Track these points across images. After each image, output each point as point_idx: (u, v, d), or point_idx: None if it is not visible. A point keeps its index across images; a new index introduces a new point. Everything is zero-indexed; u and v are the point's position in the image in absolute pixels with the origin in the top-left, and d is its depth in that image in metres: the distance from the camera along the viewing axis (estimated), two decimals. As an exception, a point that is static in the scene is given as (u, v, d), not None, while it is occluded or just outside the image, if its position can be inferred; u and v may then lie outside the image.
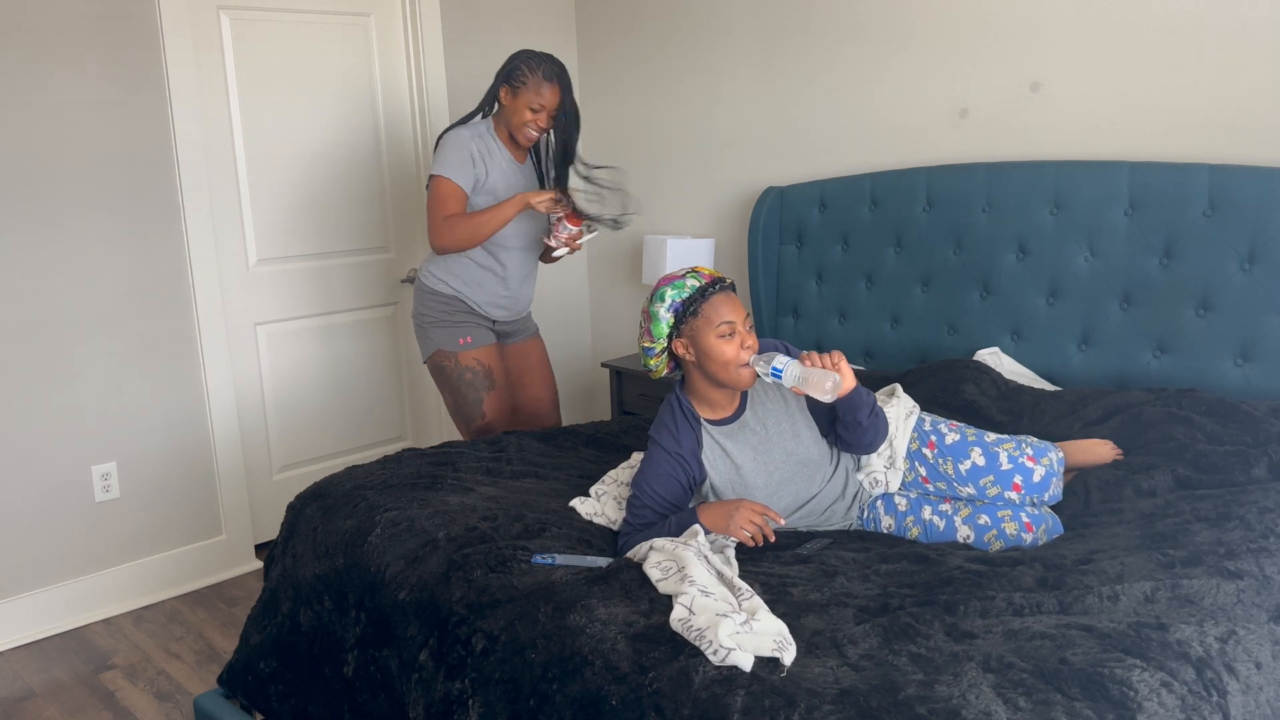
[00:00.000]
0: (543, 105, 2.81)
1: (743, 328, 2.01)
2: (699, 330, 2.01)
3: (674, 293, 2.02)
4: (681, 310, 2.00)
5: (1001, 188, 2.96)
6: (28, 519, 3.10)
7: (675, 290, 2.02)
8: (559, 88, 2.82)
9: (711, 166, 3.89)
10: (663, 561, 1.84)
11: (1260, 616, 1.63)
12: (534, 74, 2.80)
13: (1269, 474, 2.16)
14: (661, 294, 2.03)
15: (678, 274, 2.06)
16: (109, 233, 3.15)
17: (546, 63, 2.82)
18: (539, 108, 2.82)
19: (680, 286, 2.02)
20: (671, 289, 2.02)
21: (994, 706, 1.37)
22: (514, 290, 3.02)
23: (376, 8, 3.73)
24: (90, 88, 3.07)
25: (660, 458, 2.10)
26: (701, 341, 2.02)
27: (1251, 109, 2.61)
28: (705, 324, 2.00)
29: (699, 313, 2.01)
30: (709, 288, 2.02)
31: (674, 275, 2.06)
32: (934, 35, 3.16)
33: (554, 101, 2.82)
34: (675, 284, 2.03)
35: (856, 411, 2.05)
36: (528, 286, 3.07)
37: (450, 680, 1.80)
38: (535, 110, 2.82)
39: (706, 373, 2.05)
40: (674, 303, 2.01)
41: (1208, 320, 2.65)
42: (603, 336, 4.51)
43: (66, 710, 2.71)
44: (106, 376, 3.20)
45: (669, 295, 2.02)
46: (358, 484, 2.34)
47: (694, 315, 2.01)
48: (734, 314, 2.01)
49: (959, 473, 2.16)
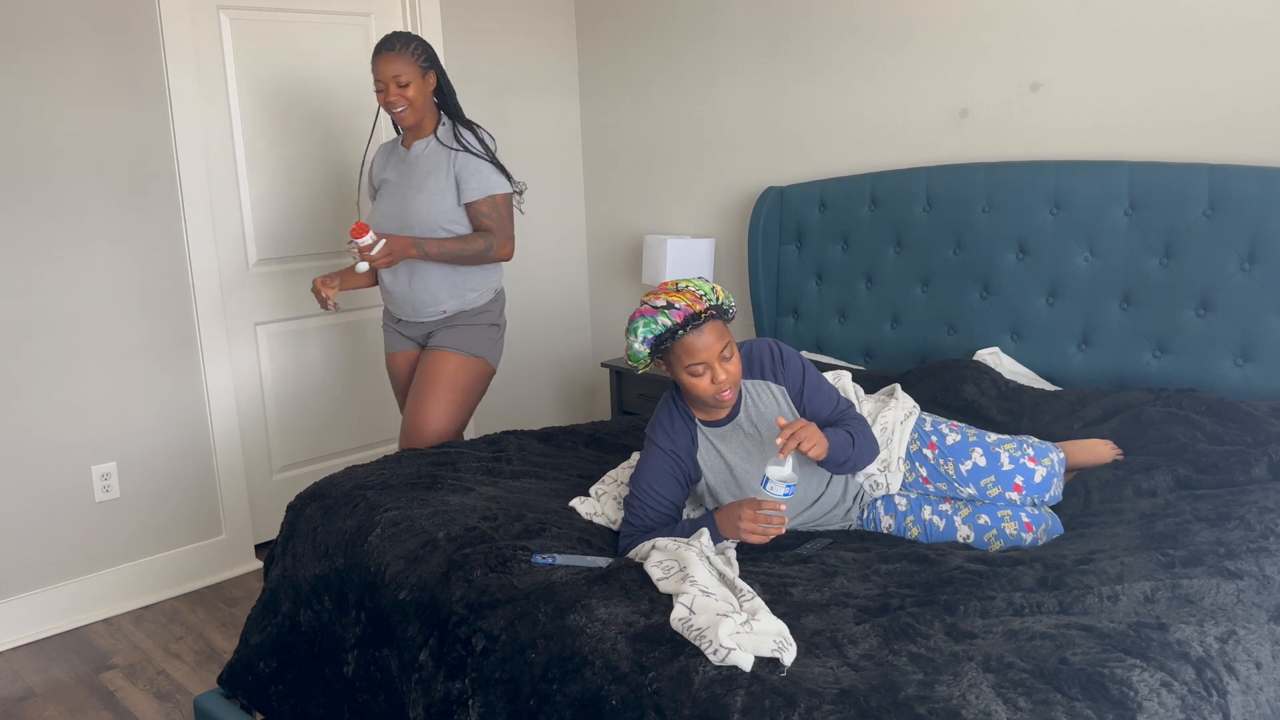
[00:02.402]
0: (379, 78, 2.71)
1: (716, 362, 1.96)
2: (673, 363, 2.00)
3: (645, 329, 1.96)
4: (654, 345, 1.97)
5: (1001, 188, 2.96)
6: (28, 519, 3.09)
7: (647, 327, 1.96)
8: (387, 56, 2.69)
9: (711, 166, 3.89)
10: (664, 561, 1.84)
11: (1260, 616, 1.63)
12: (373, 56, 2.73)
13: (1269, 474, 2.16)
14: (634, 328, 1.98)
15: (655, 304, 1.97)
16: (109, 233, 3.15)
17: (383, 38, 2.74)
18: (379, 83, 2.72)
19: (652, 323, 1.95)
20: (644, 325, 1.96)
21: (994, 706, 1.37)
22: (392, 286, 2.88)
23: (376, 8, 3.73)
24: (90, 88, 3.07)
25: (657, 456, 2.10)
26: (675, 372, 2.01)
27: (1251, 109, 2.61)
28: (677, 361, 1.98)
29: (670, 350, 1.98)
30: (680, 328, 1.94)
31: (649, 308, 1.97)
32: (934, 35, 3.16)
33: (386, 72, 2.69)
34: (648, 320, 1.96)
35: (837, 468, 2.06)
36: (417, 287, 2.83)
37: (450, 680, 1.80)
38: (379, 89, 2.73)
39: (689, 394, 2.04)
40: (646, 338, 1.97)
41: (1208, 320, 2.65)
42: (603, 336, 4.51)
43: (66, 710, 2.71)
44: (106, 376, 3.20)
45: (640, 331, 1.97)
46: (358, 484, 2.34)
47: (666, 351, 1.98)
48: (706, 352, 1.95)
49: (960, 473, 2.16)
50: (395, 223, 2.83)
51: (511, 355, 4.30)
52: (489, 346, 2.92)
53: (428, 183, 2.79)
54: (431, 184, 2.78)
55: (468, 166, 2.76)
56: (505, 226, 2.82)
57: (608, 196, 4.34)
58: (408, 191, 2.81)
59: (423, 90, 2.75)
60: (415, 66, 2.72)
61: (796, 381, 2.12)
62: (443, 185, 2.78)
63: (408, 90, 2.72)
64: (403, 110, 2.74)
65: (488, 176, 2.78)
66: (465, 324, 2.87)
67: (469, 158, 2.77)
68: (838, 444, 2.01)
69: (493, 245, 2.80)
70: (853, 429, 2.07)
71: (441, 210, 2.79)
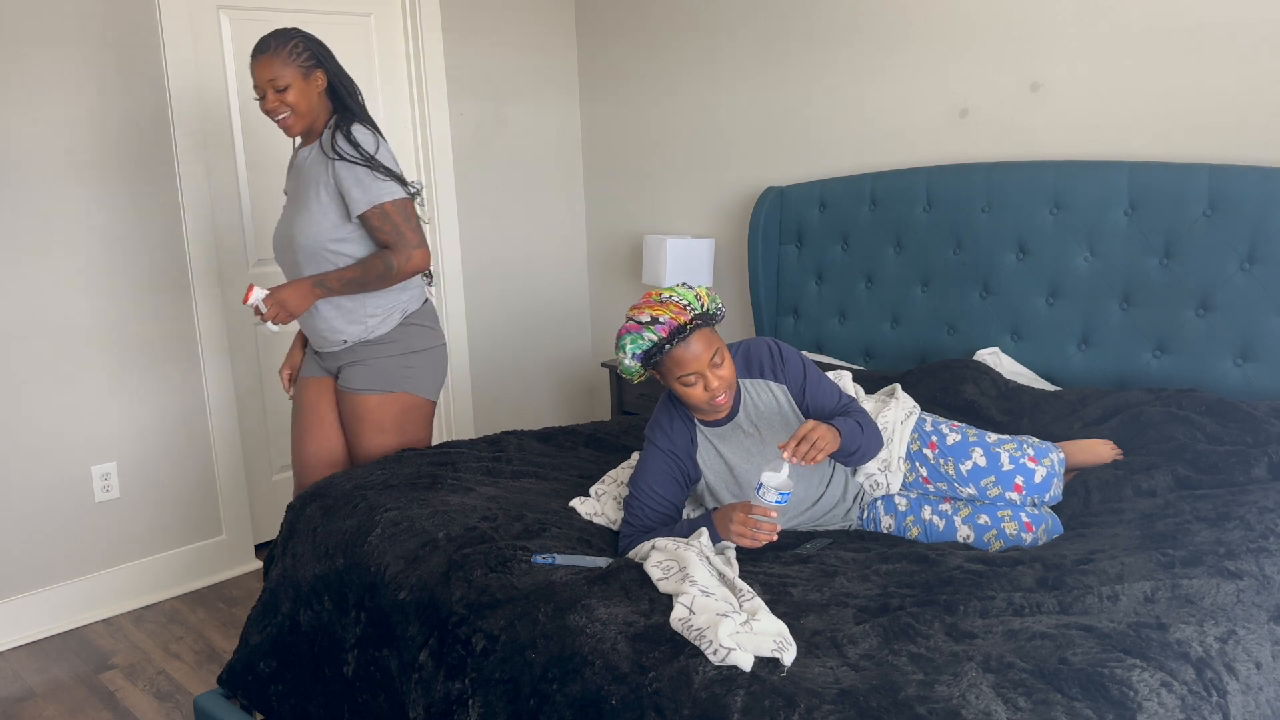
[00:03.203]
0: (255, 84, 2.45)
1: (708, 370, 1.96)
2: (665, 375, 2.01)
3: (633, 346, 1.96)
4: (644, 360, 1.97)
5: (1001, 188, 2.96)
6: (28, 519, 3.09)
7: (634, 344, 1.96)
8: (261, 59, 2.42)
9: (711, 166, 3.89)
10: (664, 561, 1.84)
11: (1260, 616, 1.63)
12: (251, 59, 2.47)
13: (1269, 474, 2.16)
14: (622, 344, 1.97)
15: (639, 319, 1.96)
16: (109, 233, 3.15)
17: (260, 39, 2.47)
18: (256, 89, 2.46)
19: (638, 339, 1.95)
20: (631, 341, 1.95)
21: (994, 706, 1.37)
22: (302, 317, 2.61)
23: (376, 8, 3.73)
24: (90, 87, 3.07)
25: (656, 456, 2.10)
26: (668, 383, 2.02)
27: (1251, 109, 2.61)
28: (668, 373, 1.99)
29: (661, 363, 1.98)
30: (666, 343, 1.94)
31: (634, 324, 1.96)
32: (934, 35, 3.16)
33: (261, 77, 2.41)
34: (634, 336, 1.95)
35: (848, 457, 2.07)
36: (314, 317, 2.55)
37: (450, 680, 1.80)
38: (257, 95, 2.46)
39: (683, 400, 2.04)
40: (635, 354, 1.97)
41: (1208, 320, 2.65)
42: (603, 336, 4.51)
43: (66, 710, 2.71)
44: (106, 376, 3.20)
45: (629, 348, 1.96)
46: (358, 484, 2.34)
47: (657, 364, 1.99)
48: (696, 362, 1.95)
49: (960, 473, 2.16)
50: (286, 251, 2.55)
51: (512, 355, 4.30)
52: (405, 378, 2.58)
53: (307, 197, 2.48)
54: (310, 198, 2.47)
55: (346, 178, 2.42)
56: (404, 236, 2.45)
57: (608, 196, 4.34)
58: (293, 212, 2.52)
59: (306, 94, 2.44)
60: (295, 68, 2.42)
61: (798, 379, 2.12)
62: (322, 200, 2.46)
63: (287, 95, 2.42)
64: (285, 117, 2.45)
65: (369, 185, 2.42)
66: (372, 358, 2.55)
67: (345, 167, 2.42)
68: (848, 432, 2.02)
69: (393, 263, 2.44)
70: (859, 419, 2.08)
71: (322, 230, 2.46)
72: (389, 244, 2.46)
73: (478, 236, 4.08)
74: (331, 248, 2.47)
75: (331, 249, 2.47)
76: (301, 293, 2.42)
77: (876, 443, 2.10)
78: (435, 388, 2.66)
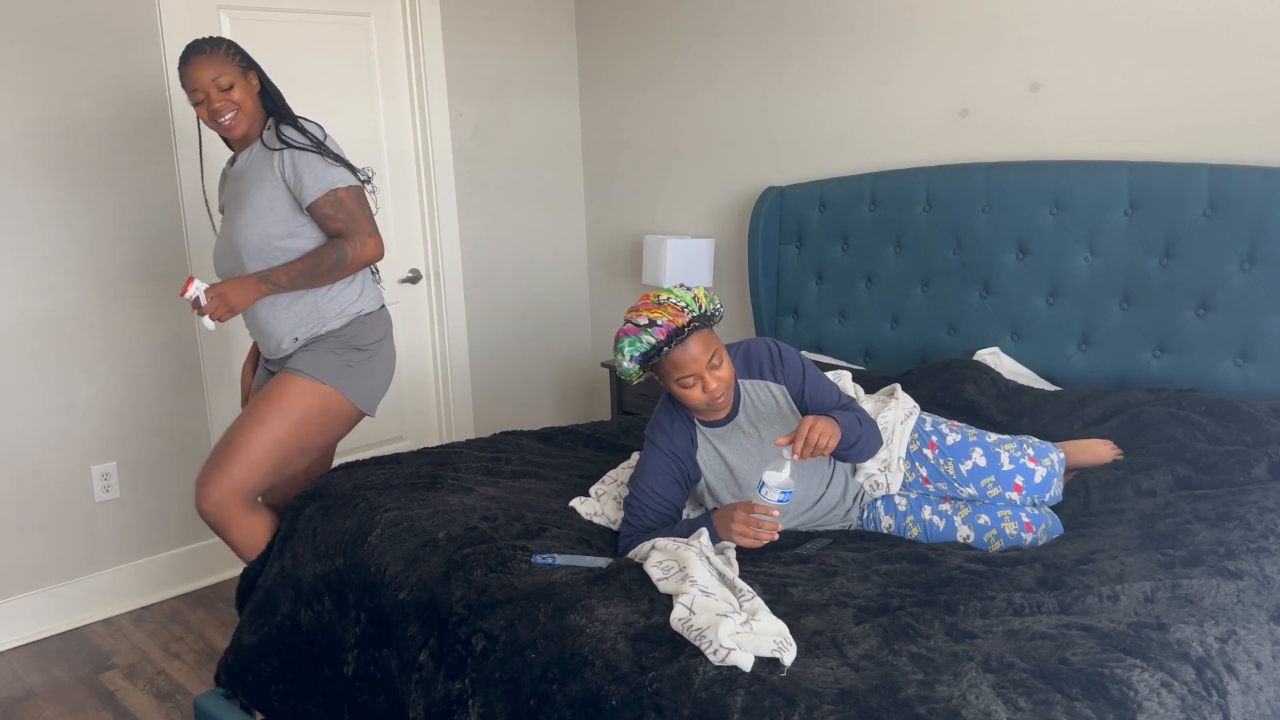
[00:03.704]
0: (195, 87, 2.36)
1: (706, 372, 1.97)
2: (663, 376, 2.01)
3: (631, 349, 1.96)
4: (642, 362, 1.97)
5: (1001, 188, 2.96)
6: (27, 519, 3.10)
7: (632, 347, 1.96)
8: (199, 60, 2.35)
9: (711, 166, 3.89)
10: (664, 561, 1.84)
11: (1260, 616, 1.63)
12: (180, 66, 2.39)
13: (1269, 474, 2.16)
14: (620, 347, 1.97)
15: (638, 322, 1.96)
16: (109, 233, 3.15)
17: (187, 46, 2.40)
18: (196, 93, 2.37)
19: (636, 342, 1.95)
20: (629, 344, 1.96)
21: (994, 706, 1.37)
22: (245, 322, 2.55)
23: (376, 8, 3.73)
24: (90, 87, 3.07)
25: (656, 456, 2.10)
26: (667, 385, 2.02)
27: (1251, 109, 2.61)
28: (667, 375, 1.99)
29: (658, 366, 1.99)
30: (665, 345, 1.93)
31: (633, 326, 1.96)
32: (934, 35, 3.16)
33: (203, 77, 2.33)
34: (632, 339, 1.95)
35: (848, 450, 2.06)
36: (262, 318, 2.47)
37: (450, 680, 1.80)
38: (198, 100, 2.38)
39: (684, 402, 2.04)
40: (633, 356, 1.97)
41: (1208, 320, 2.65)
42: (603, 336, 4.51)
43: (66, 710, 2.71)
44: (106, 376, 3.20)
45: (627, 350, 1.96)
46: (357, 484, 2.34)
47: (655, 366, 1.99)
48: (694, 364, 1.95)
49: (960, 473, 2.16)
50: (229, 256, 2.45)
51: (512, 355, 4.30)
52: (343, 374, 2.44)
53: (250, 196, 2.40)
54: (255, 195, 2.39)
55: (298, 164, 2.36)
56: (358, 223, 2.39)
57: (608, 196, 4.34)
58: (234, 215, 2.43)
59: (248, 92, 2.40)
60: (234, 66, 2.37)
61: (797, 379, 2.12)
62: (268, 195, 2.38)
63: (232, 93, 2.36)
64: (231, 116, 2.38)
65: (321, 170, 2.36)
66: (316, 346, 2.45)
67: (296, 154, 2.36)
68: (846, 424, 2.01)
69: (347, 252, 2.37)
70: (858, 415, 2.08)
71: (268, 224, 2.39)
72: (341, 231, 2.38)
73: (478, 236, 4.08)
74: (279, 244, 2.39)
75: (279, 245, 2.39)
76: (246, 288, 2.33)
77: (876, 439, 2.10)
78: (369, 398, 2.50)
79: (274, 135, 2.41)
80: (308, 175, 2.36)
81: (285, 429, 2.39)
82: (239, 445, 2.36)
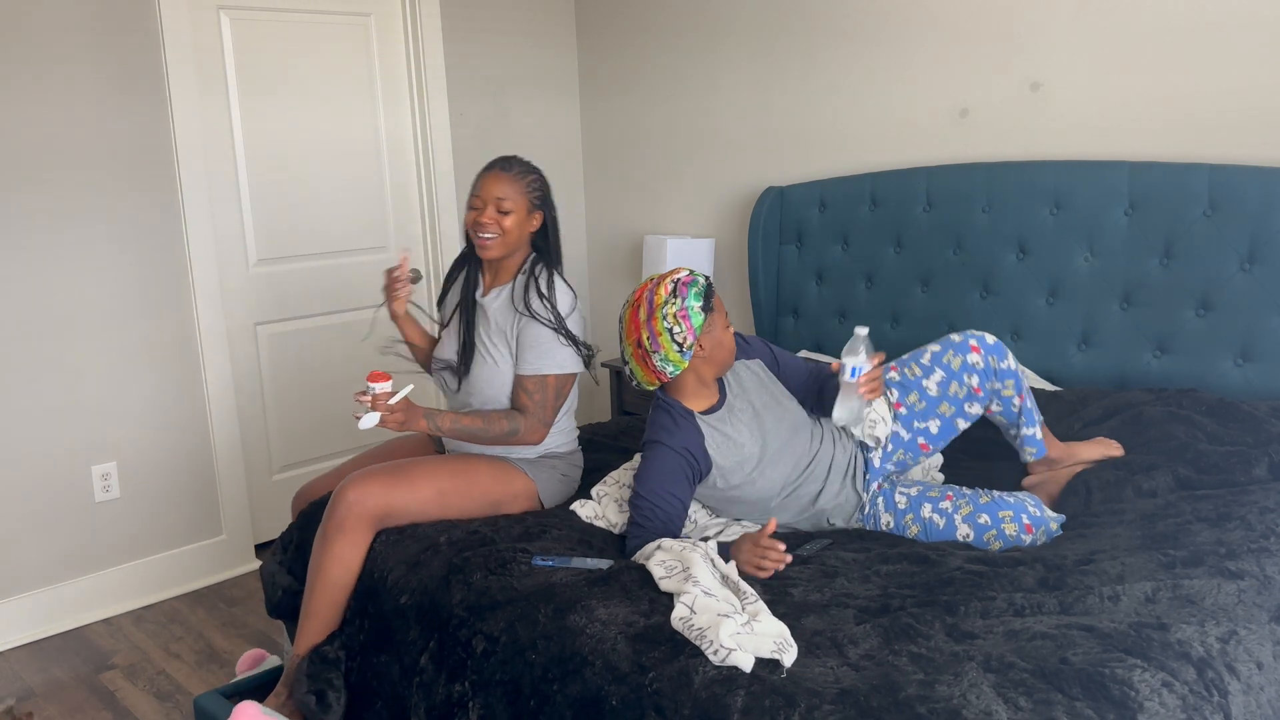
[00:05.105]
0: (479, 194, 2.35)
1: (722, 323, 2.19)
2: (713, 323, 2.14)
3: (696, 289, 2.11)
4: (705, 305, 2.11)
5: (1001, 188, 2.96)
6: (27, 519, 3.09)
7: (696, 287, 2.11)
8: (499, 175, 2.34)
9: (711, 166, 3.89)
10: (668, 560, 1.84)
11: (1261, 616, 1.63)
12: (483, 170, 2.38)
13: (1269, 474, 2.16)
14: (692, 289, 2.11)
15: (676, 272, 2.14)
16: (109, 233, 3.15)
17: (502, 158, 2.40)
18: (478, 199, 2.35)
19: (696, 283, 2.12)
20: (693, 286, 2.11)
21: (994, 706, 1.37)
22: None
23: (376, 8, 3.73)
24: (90, 87, 3.07)
25: (667, 456, 2.11)
26: (714, 333, 2.14)
27: (1251, 109, 2.60)
28: (718, 316, 2.15)
29: (714, 307, 2.14)
30: (711, 285, 2.15)
31: (677, 274, 2.14)
32: (934, 35, 3.16)
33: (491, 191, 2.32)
34: (691, 283, 2.12)
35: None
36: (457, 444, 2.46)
37: (451, 682, 1.80)
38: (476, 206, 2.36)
39: (712, 362, 2.16)
40: (703, 298, 2.11)
41: (1208, 320, 2.65)
42: (603, 336, 4.51)
43: (66, 710, 2.71)
44: (106, 376, 3.20)
45: (693, 292, 2.11)
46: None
47: (711, 310, 2.12)
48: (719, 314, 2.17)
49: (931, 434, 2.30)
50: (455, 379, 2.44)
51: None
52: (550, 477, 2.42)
53: (492, 353, 2.37)
54: (495, 354, 2.37)
55: (527, 337, 2.33)
56: (545, 412, 2.35)
57: (608, 196, 4.34)
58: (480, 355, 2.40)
59: (522, 227, 2.35)
60: (524, 198, 2.33)
61: (766, 353, 2.35)
62: (504, 355, 2.37)
63: (507, 219, 2.32)
64: (490, 238, 2.32)
65: (547, 351, 2.33)
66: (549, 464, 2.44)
67: (532, 326, 2.33)
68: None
69: (519, 429, 2.31)
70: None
71: (506, 381, 2.37)
72: (527, 410, 2.33)
73: (478, 236, 4.08)
74: (503, 400, 2.38)
75: (502, 400, 2.38)
76: (416, 417, 2.19)
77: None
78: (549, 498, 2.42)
79: (524, 292, 2.36)
80: (532, 353, 2.32)
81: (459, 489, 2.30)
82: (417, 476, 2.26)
